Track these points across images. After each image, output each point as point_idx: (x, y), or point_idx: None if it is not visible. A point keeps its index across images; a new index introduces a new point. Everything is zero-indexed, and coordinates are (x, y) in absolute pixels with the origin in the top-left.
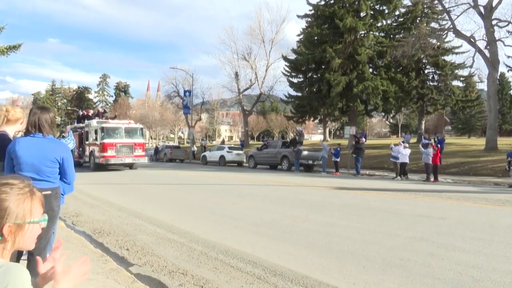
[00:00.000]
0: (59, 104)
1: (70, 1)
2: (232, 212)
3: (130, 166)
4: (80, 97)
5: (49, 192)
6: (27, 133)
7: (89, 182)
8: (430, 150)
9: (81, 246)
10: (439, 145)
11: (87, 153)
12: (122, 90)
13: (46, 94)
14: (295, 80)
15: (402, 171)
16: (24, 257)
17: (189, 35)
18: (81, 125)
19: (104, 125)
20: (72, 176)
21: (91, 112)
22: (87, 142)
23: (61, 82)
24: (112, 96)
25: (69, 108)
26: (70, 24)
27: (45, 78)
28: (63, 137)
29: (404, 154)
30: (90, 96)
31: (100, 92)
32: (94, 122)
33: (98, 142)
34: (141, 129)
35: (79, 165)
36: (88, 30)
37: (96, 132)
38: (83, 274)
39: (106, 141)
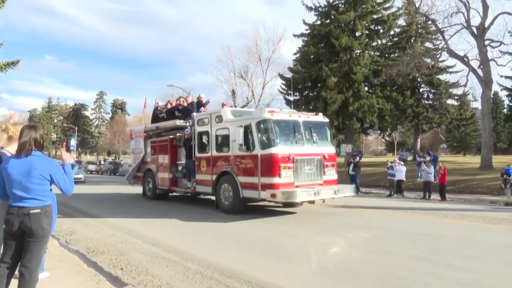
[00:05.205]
0: (55, 121)
1: (67, 19)
2: (226, 230)
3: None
4: (76, 114)
5: (38, 210)
6: (18, 152)
7: None
8: (432, 169)
9: (74, 266)
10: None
11: (203, 176)
12: (119, 107)
13: (43, 111)
14: (291, 98)
15: (398, 188)
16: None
17: (185, 53)
18: (166, 124)
19: (268, 116)
20: (68, 189)
21: (189, 99)
22: (203, 155)
23: (58, 99)
24: (108, 113)
25: (65, 125)
26: (67, 41)
27: (42, 95)
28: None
29: (400, 171)
30: (87, 113)
31: (97, 109)
32: (228, 113)
33: (255, 154)
34: (328, 125)
35: (166, 196)
36: (85, 48)
37: (248, 130)
38: None
39: (279, 151)
